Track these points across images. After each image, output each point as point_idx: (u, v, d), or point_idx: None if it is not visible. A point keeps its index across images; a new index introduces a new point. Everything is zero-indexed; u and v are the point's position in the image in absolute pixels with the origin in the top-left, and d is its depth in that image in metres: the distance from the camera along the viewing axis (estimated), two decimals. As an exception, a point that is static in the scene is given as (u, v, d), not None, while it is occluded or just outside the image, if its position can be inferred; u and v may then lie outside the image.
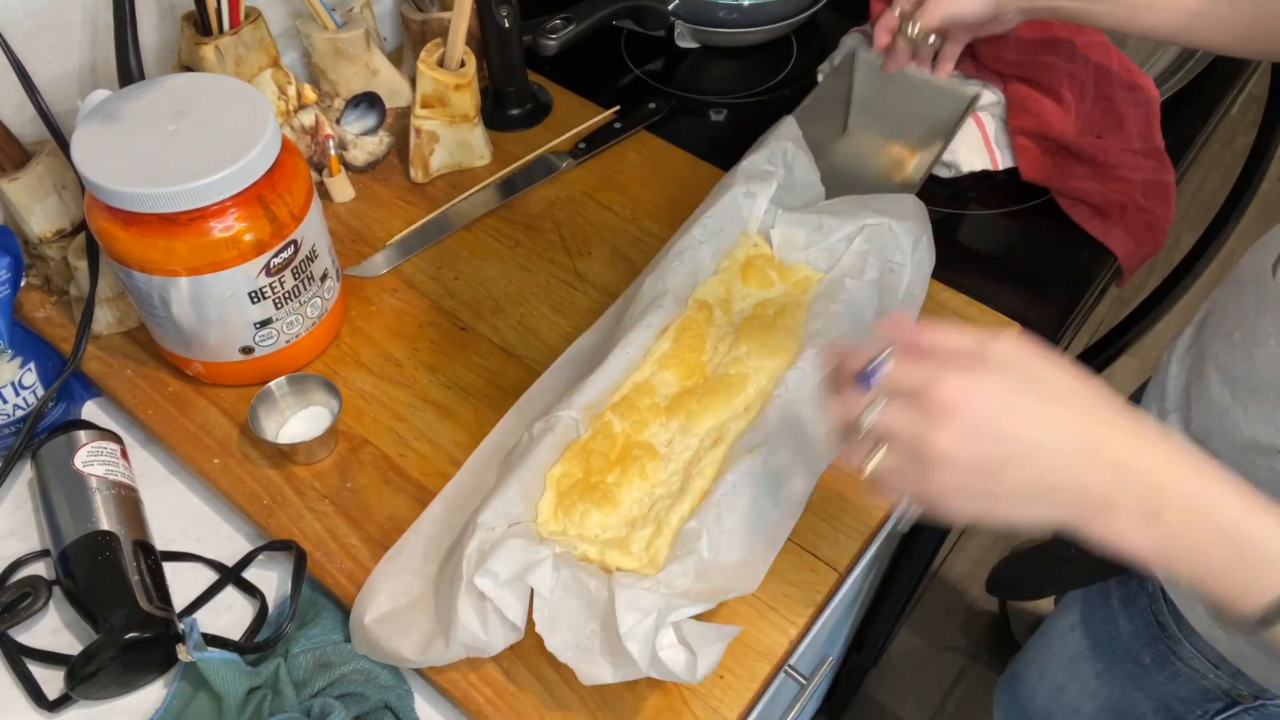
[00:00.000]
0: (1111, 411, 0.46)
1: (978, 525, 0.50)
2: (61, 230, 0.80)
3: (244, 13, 0.82)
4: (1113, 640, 0.80)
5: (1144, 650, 0.77)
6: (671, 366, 0.73)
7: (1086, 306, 0.87)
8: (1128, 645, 0.78)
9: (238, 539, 0.73)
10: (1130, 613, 0.77)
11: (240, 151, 0.66)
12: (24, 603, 0.66)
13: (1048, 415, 0.46)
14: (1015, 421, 0.46)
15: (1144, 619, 0.76)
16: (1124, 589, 0.78)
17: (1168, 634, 0.74)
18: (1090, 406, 0.46)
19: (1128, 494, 0.45)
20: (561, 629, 0.58)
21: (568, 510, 0.65)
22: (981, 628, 1.67)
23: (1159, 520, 0.45)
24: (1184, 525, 0.45)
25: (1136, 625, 0.77)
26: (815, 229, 0.79)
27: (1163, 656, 0.75)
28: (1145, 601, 0.76)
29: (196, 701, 0.63)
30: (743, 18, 1.03)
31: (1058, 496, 0.46)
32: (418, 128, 0.90)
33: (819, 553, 0.68)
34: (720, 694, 0.62)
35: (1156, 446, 0.46)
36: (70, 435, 0.71)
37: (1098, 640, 0.82)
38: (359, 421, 0.76)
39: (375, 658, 0.63)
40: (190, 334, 0.73)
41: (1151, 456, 0.46)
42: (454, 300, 0.84)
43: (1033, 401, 0.46)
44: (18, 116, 0.77)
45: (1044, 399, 0.46)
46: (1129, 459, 0.45)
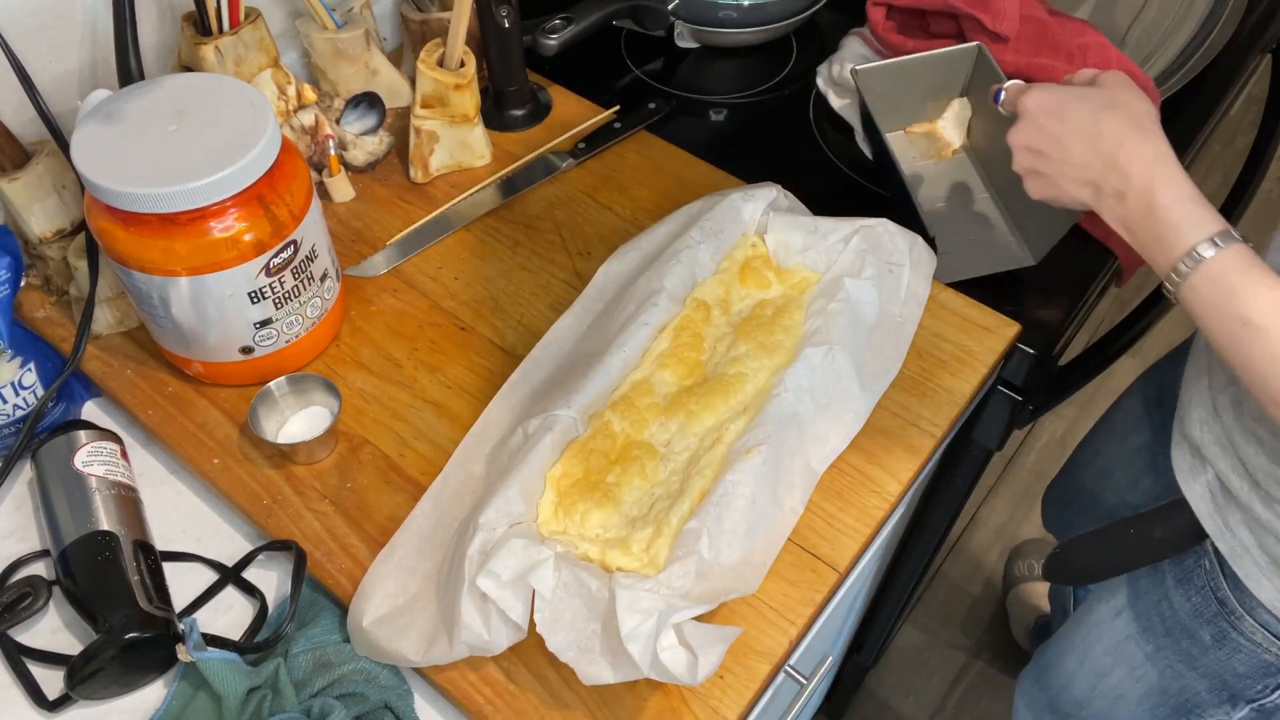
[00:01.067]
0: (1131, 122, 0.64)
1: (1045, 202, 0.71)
2: (61, 230, 0.80)
3: (244, 13, 0.82)
4: (1165, 620, 0.81)
5: (1202, 627, 0.77)
6: (670, 365, 0.73)
7: (1086, 306, 0.87)
8: (1184, 623, 0.79)
9: (238, 539, 0.73)
10: (1187, 590, 0.78)
11: (240, 151, 0.66)
12: (24, 603, 0.66)
13: (1085, 118, 0.66)
14: (1057, 122, 0.67)
15: (1202, 596, 0.76)
16: (1179, 568, 0.78)
17: (1228, 609, 0.75)
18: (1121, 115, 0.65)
19: (1108, 179, 0.64)
20: (563, 629, 0.58)
21: (568, 510, 0.65)
22: (982, 627, 1.67)
23: (1124, 201, 0.64)
24: (1135, 206, 0.63)
25: (1194, 602, 0.77)
26: (811, 231, 0.79)
27: (1222, 633, 0.76)
28: (1204, 578, 0.76)
29: (196, 701, 0.63)
30: (743, 18, 1.03)
31: (1076, 176, 0.67)
32: (418, 128, 0.90)
33: (819, 553, 0.68)
34: (720, 694, 0.62)
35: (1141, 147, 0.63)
36: (70, 435, 0.71)
37: (1148, 622, 0.83)
38: (359, 421, 0.76)
39: (376, 659, 0.63)
40: (190, 334, 0.73)
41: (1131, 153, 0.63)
42: (454, 300, 0.84)
43: (1082, 108, 0.66)
44: (18, 116, 0.77)
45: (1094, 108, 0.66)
46: (1116, 153, 0.64)
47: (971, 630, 1.67)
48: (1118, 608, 0.86)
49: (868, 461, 0.72)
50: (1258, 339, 0.58)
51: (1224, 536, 0.72)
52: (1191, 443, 0.75)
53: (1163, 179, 0.62)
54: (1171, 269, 0.61)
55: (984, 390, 0.84)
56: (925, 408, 0.75)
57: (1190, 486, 0.75)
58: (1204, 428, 0.73)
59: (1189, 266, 0.60)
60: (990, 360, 0.78)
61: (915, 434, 0.74)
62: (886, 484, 0.71)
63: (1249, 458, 0.69)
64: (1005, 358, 0.81)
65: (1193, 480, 0.75)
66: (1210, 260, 0.60)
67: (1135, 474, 0.94)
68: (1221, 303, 0.59)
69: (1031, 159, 0.70)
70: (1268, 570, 0.70)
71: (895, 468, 0.72)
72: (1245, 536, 0.71)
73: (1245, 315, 0.58)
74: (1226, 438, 0.71)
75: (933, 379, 0.77)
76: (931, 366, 0.78)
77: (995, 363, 0.79)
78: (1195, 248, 0.60)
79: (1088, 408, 1.95)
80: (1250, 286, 0.58)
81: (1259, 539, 0.70)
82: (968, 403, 0.77)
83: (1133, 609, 0.84)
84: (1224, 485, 0.72)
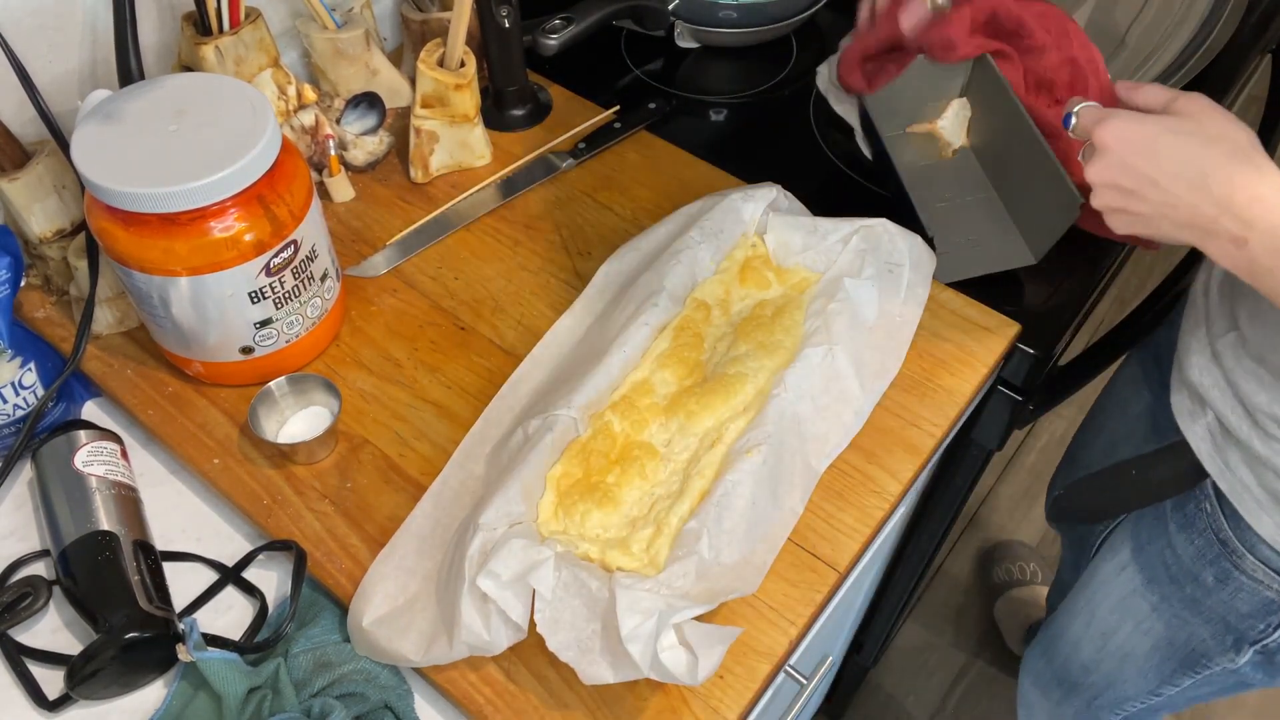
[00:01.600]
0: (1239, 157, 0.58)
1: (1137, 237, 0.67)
2: (61, 230, 0.80)
3: (244, 13, 0.82)
4: (1169, 568, 0.82)
5: (1205, 569, 0.79)
6: (670, 365, 0.73)
7: (1086, 306, 0.87)
8: (1188, 567, 0.80)
9: (238, 539, 0.73)
10: (1190, 534, 0.79)
11: (240, 151, 0.66)
12: (24, 603, 0.66)
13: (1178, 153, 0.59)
14: (1145, 159, 0.60)
15: (1205, 538, 0.78)
16: (1180, 513, 0.79)
17: (1229, 549, 0.76)
18: (1225, 150, 0.59)
19: (1223, 224, 0.58)
20: (563, 629, 0.58)
21: (569, 510, 0.65)
22: (982, 628, 1.67)
23: (1246, 246, 0.58)
24: (1262, 253, 0.57)
25: (1197, 545, 0.79)
26: (810, 232, 0.79)
27: (1225, 573, 0.78)
28: (1205, 520, 0.77)
29: (196, 701, 0.63)
30: (743, 18, 1.03)
31: (1179, 219, 0.61)
32: (418, 128, 0.90)
33: (819, 553, 0.68)
34: (720, 694, 0.62)
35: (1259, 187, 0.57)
36: (70, 435, 0.71)
37: (1153, 572, 0.84)
38: (359, 421, 0.76)
39: (376, 659, 0.63)
40: (190, 334, 0.73)
41: (1250, 195, 0.57)
42: (454, 300, 0.84)
43: (1172, 142, 0.60)
44: (18, 116, 0.77)
45: (1187, 140, 0.59)
46: (1230, 194, 0.57)
47: (971, 630, 1.67)
48: (1122, 563, 0.87)
49: (868, 461, 0.72)
50: None
51: (1224, 475, 0.73)
52: (1191, 387, 0.76)
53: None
54: None
55: (984, 390, 0.84)
56: (925, 408, 0.75)
57: (1190, 428, 0.76)
58: (1203, 372, 0.74)
59: None
60: (990, 360, 0.78)
61: (915, 434, 0.74)
62: (886, 484, 0.71)
63: (1247, 395, 0.69)
64: (1005, 358, 0.81)
65: (1192, 422, 0.76)
66: None
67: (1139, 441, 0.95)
68: None
69: (1120, 199, 0.63)
70: (1268, 506, 0.71)
71: (895, 468, 0.72)
72: (1245, 474, 0.72)
73: None
74: (1226, 380, 0.72)
75: (933, 379, 0.77)
76: (931, 366, 0.78)
77: (995, 363, 0.79)
78: None
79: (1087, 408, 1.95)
80: None
81: (1258, 476, 0.71)
82: (968, 403, 0.77)
83: (1137, 561, 0.86)
84: (1223, 425, 0.73)
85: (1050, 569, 1.67)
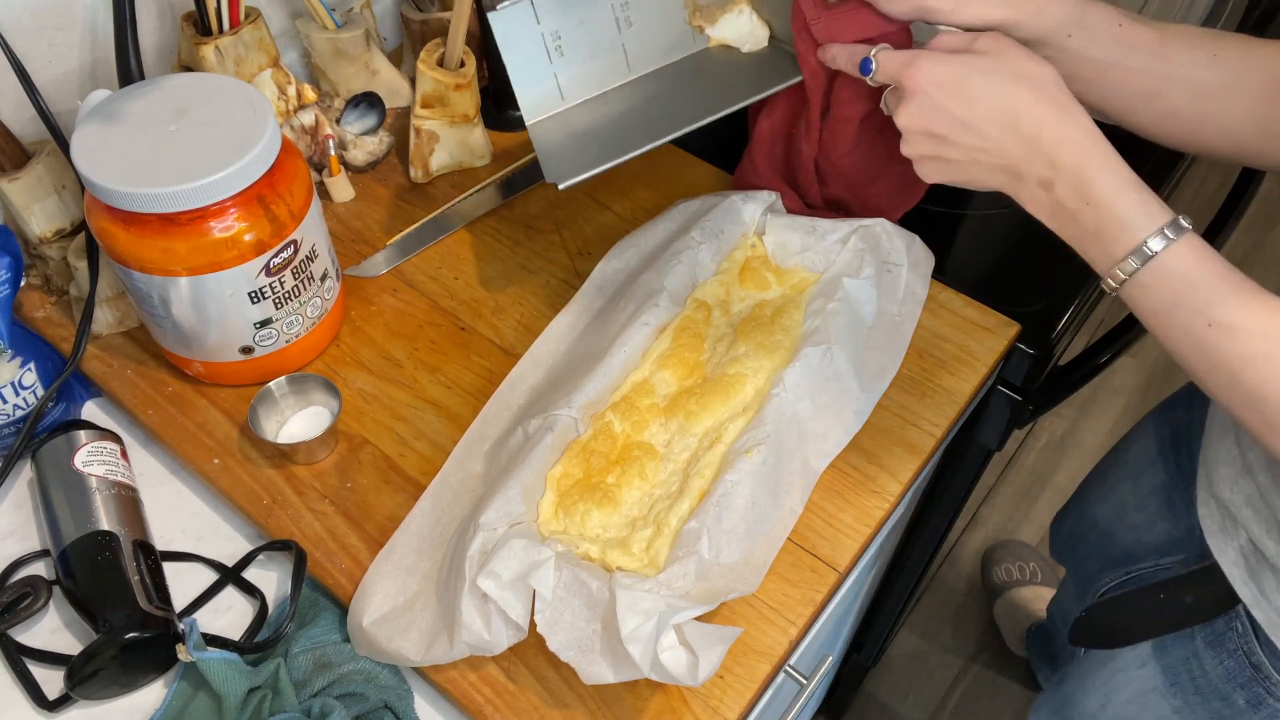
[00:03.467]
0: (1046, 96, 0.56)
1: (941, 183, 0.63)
2: (61, 230, 0.80)
3: (244, 13, 0.82)
4: (1195, 679, 0.76)
5: (1236, 691, 0.73)
6: (670, 366, 0.73)
7: (1086, 306, 0.87)
8: (1216, 685, 0.75)
9: (238, 539, 0.73)
10: (1219, 653, 0.73)
11: (240, 151, 0.66)
12: (24, 603, 0.66)
13: (989, 95, 0.57)
14: (956, 101, 0.58)
15: (1236, 660, 0.72)
16: (1208, 629, 0.74)
17: (1263, 674, 0.71)
18: (1031, 88, 0.56)
19: (1031, 164, 0.56)
20: (563, 629, 0.58)
21: (569, 510, 0.65)
22: (981, 628, 1.67)
23: (1052, 188, 0.56)
24: (1067, 195, 0.56)
25: (1227, 666, 0.73)
26: (809, 232, 0.79)
27: (1258, 698, 0.72)
28: (1236, 641, 0.72)
29: (196, 701, 0.63)
30: (742, 18, 1.03)
31: (988, 161, 0.58)
32: (418, 128, 0.90)
33: (819, 553, 0.68)
34: (720, 694, 0.62)
35: (1065, 127, 0.55)
36: (70, 435, 0.71)
37: (1175, 677, 0.78)
38: (359, 421, 0.76)
39: (376, 659, 0.63)
40: (190, 334, 0.73)
41: (1056, 135, 0.55)
42: (454, 300, 0.84)
43: (982, 83, 0.57)
44: (18, 116, 0.77)
45: (996, 80, 0.57)
46: (1039, 134, 0.56)
47: (971, 631, 1.67)
48: (1143, 657, 0.81)
49: (868, 461, 0.72)
50: (1227, 339, 0.52)
51: (1259, 604, 0.68)
52: (1220, 502, 0.71)
53: (1098, 164, 0.55)
54: (1115, 265, 0.55)
55: (984, 390, 0.84)
56: (925, 408, 0.75)
57: (1222, 551, 0.70)
58: (1233, 487, 0.69)
59: (1137, 263, 0.54)
60: (990, 360, 0.78)
61: (915, 434, 0.74)
62: (886, 484, 0.71)
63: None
64: (1005, 358, 0.81)
65: (1224, 544, 0.70)
66: (1162, 255, 0.53)
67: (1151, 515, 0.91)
68: (1179, 301, 0.53)
69: (932, 145, 0.60)
70: None
71: (895, 468, 0.72)
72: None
73: (1209, 313, 0.52)
74: (1261, 497, 0.66)
75: (933, 379, 0.77)
76: (931, 366, 0.78)
77: (995, 363, 0.79)
78: (1145, 242, 0.53)
79: (1088, 408, 1.95)
80: (1211, 283, 0.53)
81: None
82: (968, 403, 0.77)
83: (1159, 662, 0.80)
84: (1257, 549, 0.67)
85: (1050, 569, 1.67)
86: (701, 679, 0.55)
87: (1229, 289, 0.53)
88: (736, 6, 0.76)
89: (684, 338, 0.74)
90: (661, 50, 0.79)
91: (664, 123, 0.74)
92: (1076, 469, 1.86)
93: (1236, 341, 0.52)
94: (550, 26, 0.75)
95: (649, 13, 0.77)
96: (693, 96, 0.76)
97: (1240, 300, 0.52)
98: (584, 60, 0.78)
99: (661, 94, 0.78)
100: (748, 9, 0.76)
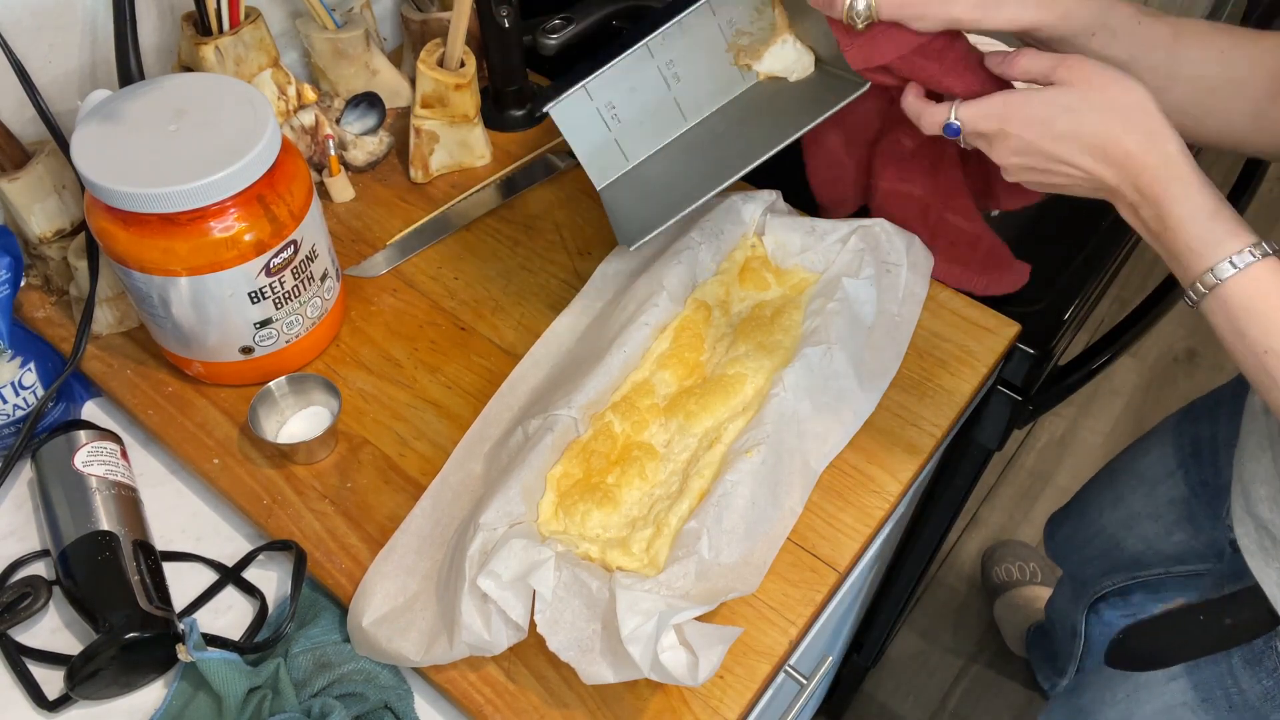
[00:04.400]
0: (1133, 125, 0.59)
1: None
2: (61, 230, 0.80)
3: (244, 13, 0.82)
4: (1230, 698, 0.76)
5: (1275, 712, 0.73)
6: (670, 366, 0.73)
7: (1086, 306, 0.87)
8: (1253, 705, 0.74)
9: (238, 539, 0.73)
10: (1256, 672, 0.73)
11: (240, 151, 0.66)
12: (24, 603, 0.66)
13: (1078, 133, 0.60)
14: (1047, 141, 0.61)
15: (1275, 679, 0.72)
16: (1246, 648, 0.74)
17: None
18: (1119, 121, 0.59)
19: (1122, 189, 0.60)
20: (563, 629, 0.58)
21: (569, 510, 0.65)
22: (982, 628, 1.67)
23: (1138, 212, 0.60)
24: (1150, 219, 0.59)
25: (1265, 685, 0.73)
26: (809, 232, 0.79)
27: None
28: (1275, 661, 0.72)
29: (196, 701, 0.63)
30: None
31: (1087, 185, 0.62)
32: (418, 128, 0.90)
33: (819, 553, 0.68)
34: (720, 694, 0.62)
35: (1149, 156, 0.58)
36: (70, 435, 0.71)
37: (1209, 693, 0.78)
38: (359, 421, 0.76)
39: (376, 659, 0.63)
40: (190, 334, 0.73)
41: (1141, 164, 0.58)
42: (454, 300, 0.84)
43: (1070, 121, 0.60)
44: (18, 116, 0.77)
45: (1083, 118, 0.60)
46: (1125, 163, 0.59)
47: (971, 631, 1.67)
48: (1173, 672, 0.81)
49: (868, 461, 0.72)
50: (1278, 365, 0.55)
51: None
52: (1259, 522, 0.71)
53: (1175, 195, 0.58)
54: (1190, 287, 0.58)
55: (984, 390, 0.84)
56: (925, 408, 0.75)
57: (1263, 571, 0.70)
58: (1273, 506, 0.69)
59: (1206, 288, 0.57)
60: (990, 360, 0.78)
61: (915, 434, 0.74)
62: (886, 484, 0.71)
63: None
64: (1005, 358, 0.81)
65: (1265, 565, 0.70)
66: (1228, 283, 0.56)
67: (1168, 525, 0.91)
68: (1241, 328, 0.56)
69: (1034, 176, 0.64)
70: None
71: (895, 468, 0.72)
72: None
73: (1267, 343, 0.55)
74: None
75: (933, 379, 0.77)
76: (931, 366, 0.78)
77: (995, 363, 0.79)
78: (1212, 269, 0.56)
79: (1088, 408, 1.95)
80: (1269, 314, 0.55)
81: None
82: (968, 403, 0.77)
83: (1190, 677, 0.79)
84: None
85: (1050, 569, 1.67)
86: (701, 679, 0.55)
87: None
88: (779, 38, 0.78)
89: (684, 338, 0.74)
90: (713, 94, 0.82)
91: (724, 164, 0.76)
92: (1076, 469, 1.86)
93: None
94: (603, 100, 0.79)
95: (694, 65, 0.79)
96: (751, 133, 0.78)
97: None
98: (641, 121, 0.81)
99: (720, 134, 0.81)
100: (791, 38, 0.78)
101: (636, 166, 0.83)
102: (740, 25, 0.78)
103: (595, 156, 0.81)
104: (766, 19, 0.77)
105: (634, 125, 0.81)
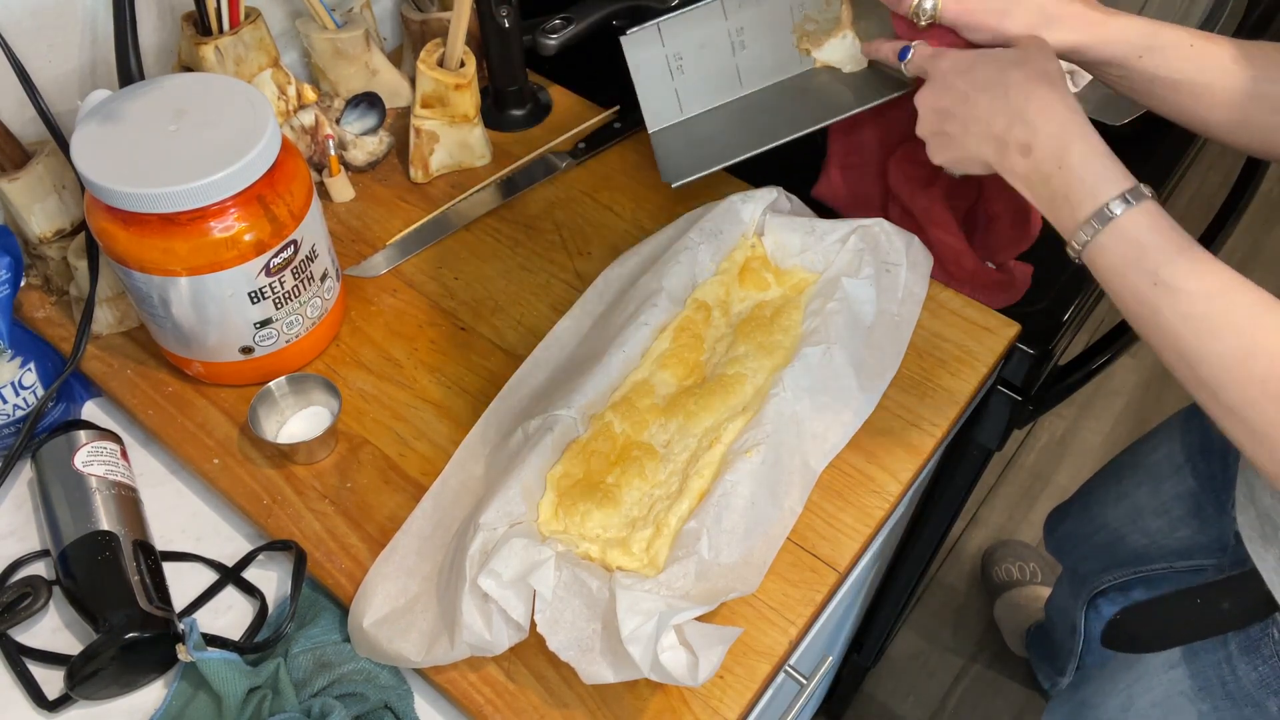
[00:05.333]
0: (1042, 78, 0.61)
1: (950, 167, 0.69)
2: (61, 230, 0.80)
3: (244, 13, 0.82)
4: (1226, 684, 0.77)
5: (1271, 699, 0.74)
6: (670, 366, 0.73)
7: (1086, 306, 0.87)
8: (1249, 692, 0.75)
9: (238, 539, 0.73)
10: (1253, 659, 0.74)
11: (240, 151, 0.66)
12: (24, 603, 0.66)
13: (993, 72, 0.63)
14: (964, 79, 0.64)
15: (1270, 666, 0.73)
16: (1243, 635, 0.74)
17: None
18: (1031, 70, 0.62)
19: (1014, 131, 0.61)
20: (563, 629, 0.58)
21: (569, 510, 0.65)
22: (982, 628, 1.67)
23: (1030, 153, 0.61)
24: (1043, 158, 0.60)
25: (1261, 672, 0.73)
26: (808, 232, 0.79)
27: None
28: (1272, 647, 0.72)
29: (196, 701, 0.63)
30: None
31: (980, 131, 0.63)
32: (418, 128, 0.90)
33: (819, 553, 0.68)
34: (720, 694, 0.62)
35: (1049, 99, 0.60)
36: (70, 435, 0.71)
37: (1205, 681, 0.78)
38: (359, 421, 0.76)
39: (377, 660, 0.63)
40: (190, 334, 0.73)
41: (1040, 105, 0.60)
42: (454, 300, 0.84)
43: (988, 63, 0.64)
44: (18, 116, 0.77)
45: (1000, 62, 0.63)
46: (1025, 104, 0.61)
47: (971, 631, 1.67)
48: (1172, 660, 0.82)
49: (868, 461, 0.72)
50: (1167, 298, 0.55)
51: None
52: (1261, 510, 0.71)
53: (1075, 133, 0.59)
54: (1079, 227, 0.58)
55: (984, 390, 0.84)
56: (925, 408, 0.75)
57: (1262, 557, 0.71)
58: (1275, 494, 0.70)
59: (1099, 224, 0.57)
60: (990, 360, 0.78)
61: (915, 434, 0.74)
62: (886, 484, 0.71)
63: None
64: (1005, 358, 0.82)
65: (1264, 550, 0.71)
66: (1121, 217, 0.57)
67: (1173, 520, 0.91)
68: (1131, 262, 0.57)
69: (938, 120, 0.66)
70: None
71: (895, 468, 0.72)
72: None
73: (1156, 274, 0.55)
74: None
75: (933, 379, 0.77)
76: (931, 366, 0.78)
77: (995, 363, 0.79)
78: (1107, 204, 0.57)
79: (1088, 408, 1.95)
80: (1162, 246, 0.56)
81: None
82: (968, 403, 0.77)
83: (1188, 665, 0.80)
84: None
85: (1051, 569, 1.67)
86: (701, 679, 0.55)
87: (1176, 251, 0.56)
88: (840, 31, 0.82)
89: (683, 338, 0.74)
90: (770, 69, 0.86)
91: (769, 131, 0.82)
92: (1076, 469, 1.86)
93: (1177, 301, 0.55)
94: (673, 49, 0.84)
95: (761, 38, 0.84)
96: (797, 109, 0.84)
97: (1185, 262, 0.55)
98: (701, 77, 0.86)
99: (769, 106, 0.86)
100: (850, 33, 0.82)
101: (688, 119, 0.87)
102: (809, 11, 0.83)
103: (653, 100, 0.86)
104: (833, 11, 0.83)
105: (695, 80, 0.85)
